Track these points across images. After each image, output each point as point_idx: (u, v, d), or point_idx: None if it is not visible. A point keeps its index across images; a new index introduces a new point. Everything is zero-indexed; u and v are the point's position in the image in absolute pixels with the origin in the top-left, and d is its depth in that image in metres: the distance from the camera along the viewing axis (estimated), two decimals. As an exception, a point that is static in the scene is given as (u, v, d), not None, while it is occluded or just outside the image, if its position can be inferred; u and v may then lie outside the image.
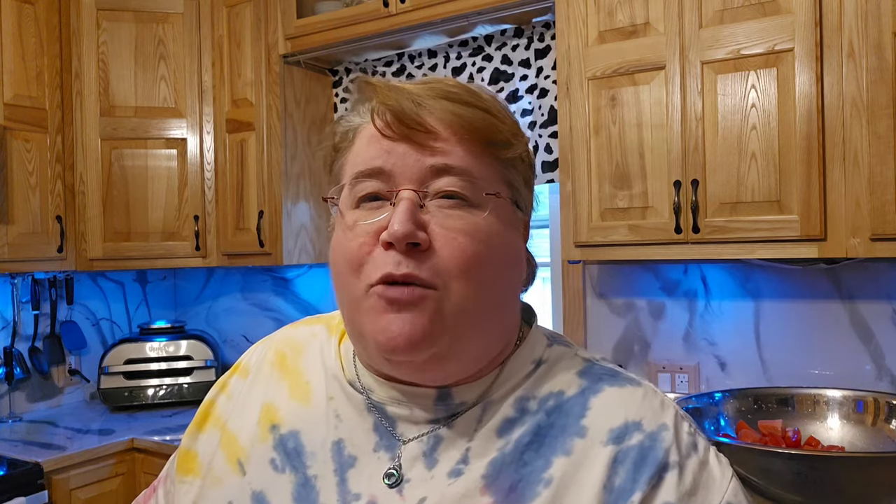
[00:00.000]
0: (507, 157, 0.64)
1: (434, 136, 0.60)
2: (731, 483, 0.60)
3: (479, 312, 0.61)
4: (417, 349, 0.59)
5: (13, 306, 2.63)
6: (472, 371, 0.64)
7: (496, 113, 0.63)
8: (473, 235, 0.60)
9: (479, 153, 0.62)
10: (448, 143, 0.61)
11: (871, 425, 1.54)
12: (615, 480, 0.58)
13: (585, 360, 0.68)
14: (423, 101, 0.61)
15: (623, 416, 0.61)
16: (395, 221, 0.58)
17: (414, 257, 0.58)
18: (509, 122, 0.65)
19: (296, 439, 0.67)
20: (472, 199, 0.61)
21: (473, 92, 0.63)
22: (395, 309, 0.59)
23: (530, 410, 0.63)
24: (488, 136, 0.62)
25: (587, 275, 2.21)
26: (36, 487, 2.06)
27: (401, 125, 0.60)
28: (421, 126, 0.60)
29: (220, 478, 0.69)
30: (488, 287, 0.61)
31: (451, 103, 0.61)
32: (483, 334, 0.62)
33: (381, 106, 0.61)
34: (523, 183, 0.66)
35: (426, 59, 2.43)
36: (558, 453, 0.60)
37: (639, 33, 1.75)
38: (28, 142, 2.37)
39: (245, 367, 0.77)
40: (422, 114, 0.60)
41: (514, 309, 0.67)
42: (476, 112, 0.62)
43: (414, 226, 0.58)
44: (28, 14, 2.38)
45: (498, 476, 0.60)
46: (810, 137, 1.54)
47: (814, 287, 1.86)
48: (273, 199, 2.46)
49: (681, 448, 0.60)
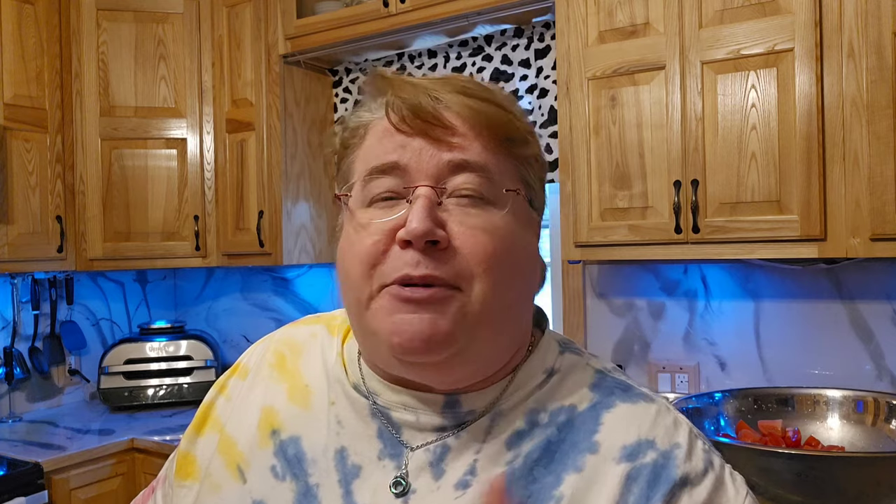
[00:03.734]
0: (525, 154, 0.62)
1: (451, 131, 0.59)
2: (745, 502, 0.58)
3: (498, 313, 0.59)
4: (435, 351, 0.57)
5: (13, 306, 2.63)
6: (482, 376, 0.62)
7: (513, 110, 0.62)
8: (494, 233, 0.58)
9: (497, 149, 0.60)
10: (465, 139, 0.59)
11: (871, 425, 1.54)
12: (629, 498, 0.57)
13: (597, 371, 0.66)
14: (440, 96, 0.59)
15: (636, 434, 0.60)
16: (413, 219, 0.56)
17: (433, 256, 0.56)
18: (525, 120, 0.64)
19: (296, 445, 0.65)
20: (490, 197, 0.59)
21: (489, 89, 0.62)
22: (410, 308, 0.56)
23: (541, 423, 0.61)
24: (506, 132, 0.61)
25: (587, 275, 2.21)
26: (36, 487, 2.06)
27: (417, 119, 0.58)
28: (438, 121, 0.58)
29: (218, 484, 0.67)
30: (508, 287, 0.59)
31: (468, 98, 0.59)
32: (499, 335, 0.61)
33: (396, 100, 0.59)
34: (538, 182, 0.65)
35: (426, 59, 2.43)
36: (569, 470, 0.58)
37: (639, 33, 1.75)
38: (28, 142, 2.37)
39: (244, 368, 0.75)
40: (439, 108, 0.58)
41: (529, 311, 0.66)
42: (493, 108, 0.60)
43: (433, 223, 0.56)
44: (28, 14, 2.38)
45: (507, 491, 0.58)
46: (810, 137, 1.54)
47: (814, 287, 1.86)
48: (273, 199, 2.46)
49: (696, 466, 0.58)
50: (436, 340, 0.56)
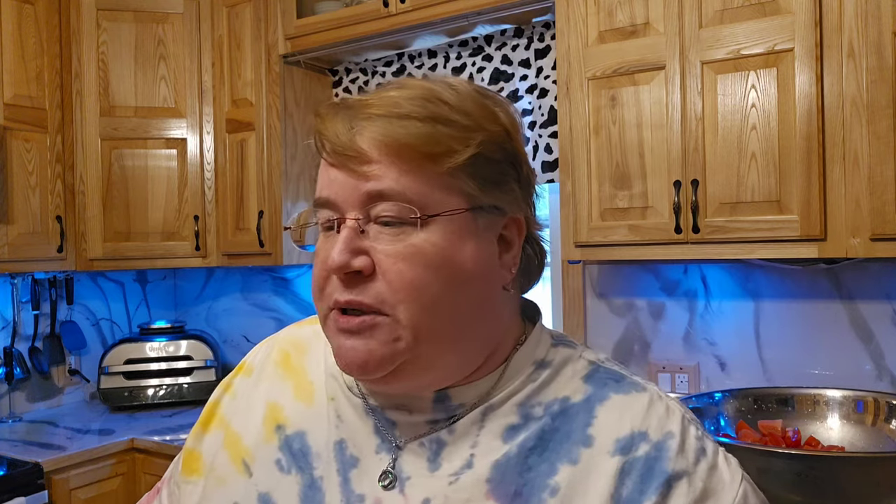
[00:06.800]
0: (456, 162, 0.59)
1: (366, 161, 0.59)
2: (741, 485, 0.59)
3: (439, 329, 0.60)
4: (372, 371, 0.60)
5: (13, 306, 2.63)
6: (455, 378, 0.64)
7: (442, 119, 0.59)
8: (413, 260, 0.59)
9: (417, 170, 0.59)
10: (381, 166, 0.59)
11: (871, 425, 1.54)
12: (623, 492, 0.58)
13: (590, 362, 0.67)
14: (358, 123, 0.60)
15: (629, 426, 0.61)
16: (333, 251, 0.59)
17: (357, 284, 0.59)
18: (460, 125, 0.60)
19: (301, 440, 0.68)
20: (411, 221, 0.59)
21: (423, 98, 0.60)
22: (346, 335, 0.60)
23: (535, 416, 0.63)
24: (423, 150, 0.59)
25: (587, 275, 2.21)
26: (36, 487, 2.06)
27: (335, 154, 0.60)
28: (353, 151, 0.59)
29: (223, 477, 0.69)
30: (440, 307, 0.60)
31: (386, 121, 0.59)
32: (454, 343, 0.62)
33: (319, 136, 0.61)
34: (489, 182, 0.61)
35: (426, 59, 2.43)
36: (564, 461, 0.60)
37: (639, 33, 1.75)
38: (28, 142, 2.37)
39: (249, 367, 0.77)
40: (355, 139, 0.59)
41: (492, 316, 0.64)
42: (412, 126, 0.58)
43: (350, 254, 0.59)
44: (28, 14, 2.38)
45: (502, 480, 0.60)
46: (810, 137, 1.54)
47: (814, 287, 1.86)
48: (273, 199, 2.46)
49: (688, 455, 0.59)
50: (371, 364, 0.60)
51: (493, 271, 0.63)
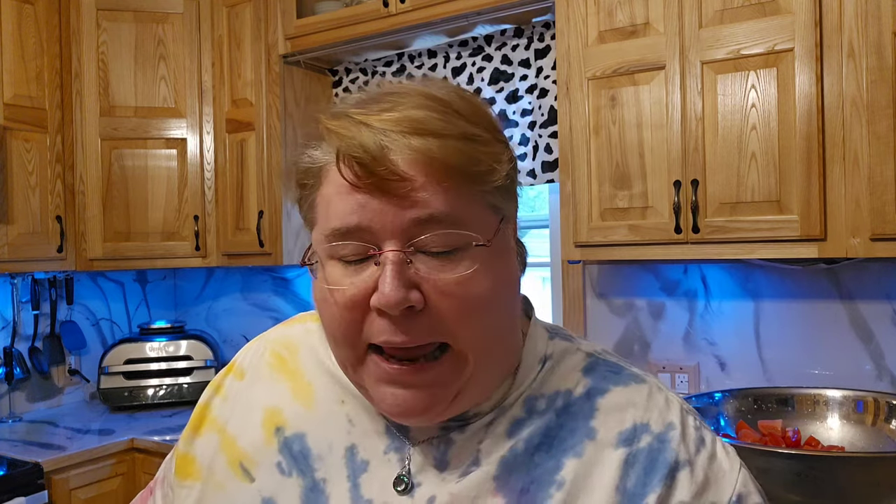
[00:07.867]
0: (492, 180, 0.57)
1: (410, 184, 0.54)
2: (740, 473, 0.61)
3: (488, 351, 0.59)
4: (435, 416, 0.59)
5: (13, 306, 2.63)
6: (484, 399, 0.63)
7: (472, 135, 0.56)
8: (469, 287, 0.56)
9: (460, 189, 0.56)
10: (426, 190, 0.54)
11: (871, 425, 1.54)
12: (627, 483, 0.59)
13: (588, 354, 0.68)
14: (391, 142, 0.54)
15: (631, 419, 0.62)
16: (384, 286, 0.54)
17: (411, 320, 0.55)
18: (487, 139, 0.58)
19: (301, 442, 0.67)
20: (461, 247, 0.56)
21: (444, 113, 0.56)
22: (401, 385, 0.57)
23: (538, 410, 0.63)
24: (467, 169, 0.56)
25: (587, 275, 2.21)
26: (36, 487, 2.06)
27: (371, 176, 0.54)
28: (393, 174, 0.53)
29: (221, 483, 0.68)
30: (492, 326, 0.59)
31: (421, 139, 0.54)
32: (494, 364, 0.61)
33: (346, 155, 0.54)
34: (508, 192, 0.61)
35: (426, 59, 2.43)
36: (569, 455, 0.60)
37: (639, 33, 1.75)
38: (28, 142, 2.37)
39: (240, 368, 0.75)
40: (391, 158, 0.54)
41: (517, 326, 0.65)
42: (450, 144, 0.55)
43: (405, 289, 0.54)
44: (28, 14, 2.38)
45: (509, 477, 0.60)
46: (810, 137, 1.54)
47: (814, 287, 1.86)
48: (273, 199, 2.46)
49: (689, 445, 0.61)
50: (436, 410, 0.58)
51: (517, 282, 0.64)
